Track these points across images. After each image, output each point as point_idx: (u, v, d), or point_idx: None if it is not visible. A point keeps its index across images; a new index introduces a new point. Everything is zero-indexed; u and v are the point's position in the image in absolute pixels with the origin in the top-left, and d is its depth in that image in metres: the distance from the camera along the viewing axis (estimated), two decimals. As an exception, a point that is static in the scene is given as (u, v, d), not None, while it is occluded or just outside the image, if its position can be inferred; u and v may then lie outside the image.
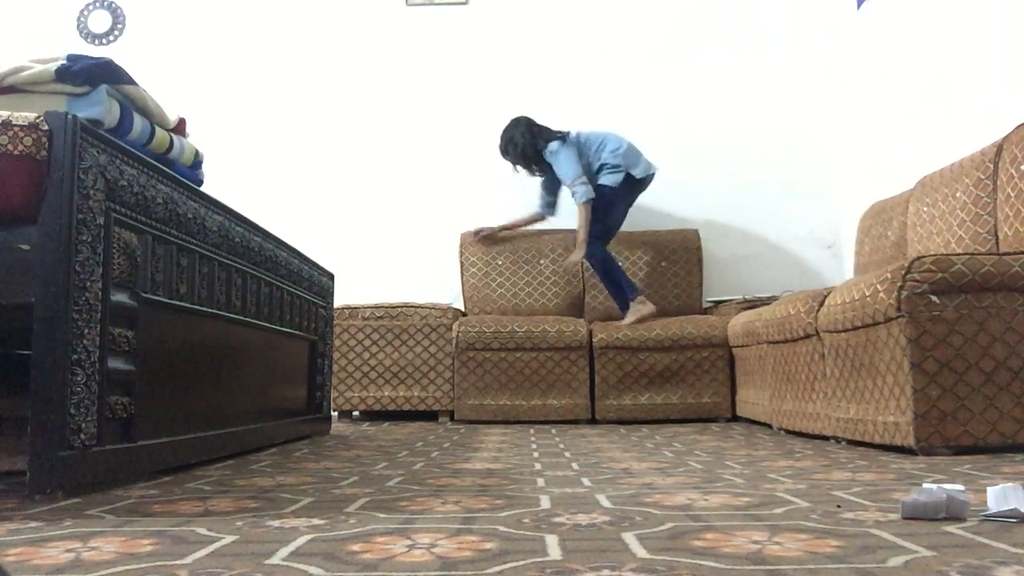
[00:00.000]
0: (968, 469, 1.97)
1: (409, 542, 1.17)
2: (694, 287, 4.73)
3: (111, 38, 5.23)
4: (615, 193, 4.41)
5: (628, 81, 5.06)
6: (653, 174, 4.50)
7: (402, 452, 2.61)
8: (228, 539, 1.20)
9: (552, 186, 4.66)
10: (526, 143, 4.43)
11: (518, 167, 4.57)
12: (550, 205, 4.75)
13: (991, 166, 2.96)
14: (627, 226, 4.89)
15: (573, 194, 4.38)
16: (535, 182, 4.70)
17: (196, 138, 2.72)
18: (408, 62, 5.10)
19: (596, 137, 4.47)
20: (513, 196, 4.77)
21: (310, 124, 5.10)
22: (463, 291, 4.79)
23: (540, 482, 1.83)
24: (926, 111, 3.85)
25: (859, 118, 4.64)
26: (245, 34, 5.18)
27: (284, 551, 1.11)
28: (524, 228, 4.83)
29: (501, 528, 1.27)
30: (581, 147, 4.43)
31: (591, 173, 4.41)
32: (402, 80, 5.02)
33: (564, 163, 4.37)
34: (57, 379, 1.56)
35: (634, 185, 4.46)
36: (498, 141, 4.51)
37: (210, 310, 2.23)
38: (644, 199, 4.98)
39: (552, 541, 1.16)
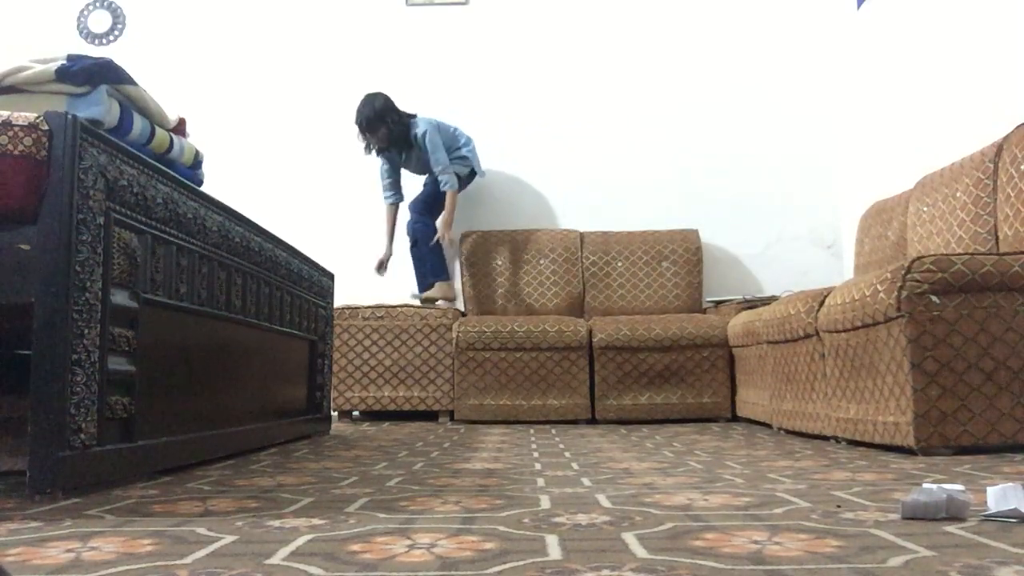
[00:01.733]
0: (968, 469, 1.97)
1: (409, 542, 1.17)
2: (694, 287, 4.73)
3: (111, 38, 5.23)
4: (460, 184, 4.60)
5: (628, 81, 5.05)
6: (483, 173, 4.70)
7: (402, 452, 2.61)
8: (228, 539, 1.20)
9: (397, 169, 4.68)
10: (394, 122, 4.46)
11: (369, 144, 4.54)
12: (398, 188, 4.74)
13: (991, 166, 2.96)
14: (627, 226, 4.91)
15: (443, 182, 4.48)
16: (533, 180, 4.69)
17: (196, 138, 2.72)
18: (408, 62, 5.10)
19: (450, 125, 4.61)
20: (512, 195, 4.77)
21: (310, 124, 5.10)
22: (463, 291, 4.79)
23: (540, 482, 1.83)
24: (926, 111, 3.85)
25: (859, 118, 4.64)
26: (245, 34, 5.19)
27: (284, 551, 1.11)
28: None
29: (501, 528, 1.27)
30: (441, 131, 4.53)
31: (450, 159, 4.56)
32: (402, 80, 5.01)
33: (438, 148, 4.46)
34: (57, 379, 1.56)
35: (469, 179, 4.66)
36: (354, 116, 4.48)
37: (210, 310, 2.23)
38: (644, 199, 4.99)
39: (552, 541, 1.16)
